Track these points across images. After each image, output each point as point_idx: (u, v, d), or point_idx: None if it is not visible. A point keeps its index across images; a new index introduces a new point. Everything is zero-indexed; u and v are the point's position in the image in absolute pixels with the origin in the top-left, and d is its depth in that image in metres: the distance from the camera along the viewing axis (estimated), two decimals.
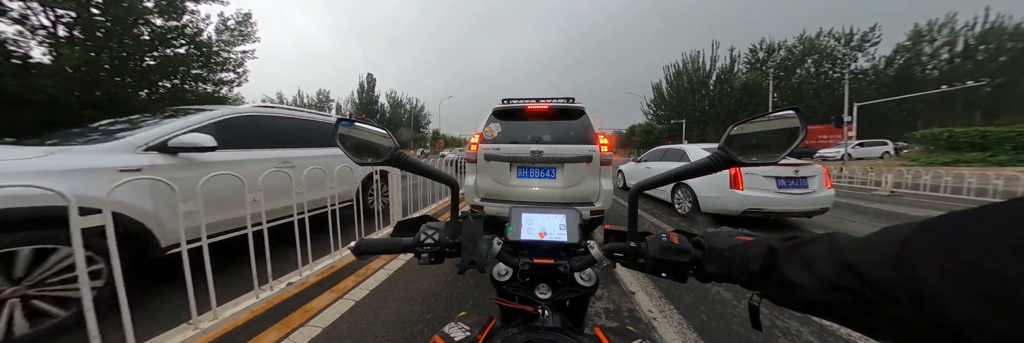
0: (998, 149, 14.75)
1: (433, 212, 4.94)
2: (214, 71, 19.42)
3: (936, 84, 19.29)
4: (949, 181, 7.28)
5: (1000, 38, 26.39)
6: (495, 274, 0.59)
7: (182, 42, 17.71)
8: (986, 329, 0.18)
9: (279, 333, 1.65)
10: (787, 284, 0.34)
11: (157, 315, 1.75)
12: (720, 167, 0.46)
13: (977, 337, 0.19)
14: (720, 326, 1.77)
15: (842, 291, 0.28)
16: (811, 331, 1.74)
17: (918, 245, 0.23)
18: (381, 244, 0.60)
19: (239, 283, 2.08)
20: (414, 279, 2.36)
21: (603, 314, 1.89)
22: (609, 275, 2.41)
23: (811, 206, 3.95)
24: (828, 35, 31.36)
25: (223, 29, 19.54)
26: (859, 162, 16.84)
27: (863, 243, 0.29)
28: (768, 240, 0.40)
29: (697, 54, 36.03)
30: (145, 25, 16.34)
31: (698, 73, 35.72)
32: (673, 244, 0.48)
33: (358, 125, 0.54)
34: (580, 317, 0.62)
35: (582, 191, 3.01)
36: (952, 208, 1.97)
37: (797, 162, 4.15)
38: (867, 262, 0.26)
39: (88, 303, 1.16)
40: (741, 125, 0.46)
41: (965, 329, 0.19)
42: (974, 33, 27.64)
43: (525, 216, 0.63)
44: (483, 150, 3.14)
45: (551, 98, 3.30)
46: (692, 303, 2.04)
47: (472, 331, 0.55)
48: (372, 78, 53.53)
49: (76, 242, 1.17)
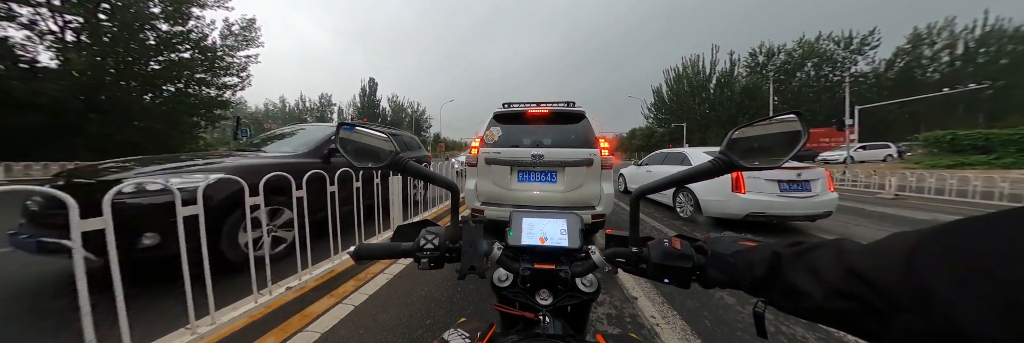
0: (1002, 151, 14.65)
1: (433, 216, 4.93)
2: (218, 75, 19.64)
3: (937, 87, 19.30)
4: (954, 184, 7.24)
5: (1000, 41, 26.46)
6: (495, 279, 0.58)
7: (187, 47, 17.96)
8: (996, 338, 0.18)
9: (277, 338, 1.63)
10: (792, 291, 0.33)
11: (154, 316, 1.74)
12: (722, 171, 0.46)
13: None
14: (724, 332, 1.75)
15: (849, 298, 0.27)
16: (817, 338, 1.71)
17: (927, 252, 0.22)
18: (381, 249, 0.59)
19: (238, 287, 2.07)
20: (414, 284, 2.35)
21: (605, 320, 1.87)
22: (611, 280, 2.39)
23: (814, 210, 3.92)
24: (828, 38, 31.56)
25: (228, 34, 19.82)
26: (862, 165, 16.78)
27: (870, 250, 0.28)
28: (772, 245, 0.40)
29: (697, 58, 36.31)
30: (151, 30, 16.59)
31: (698, 77, 35.92)
32: (675, 249, 0.48)
33: (359, 129, 0.54)
34: (582, 323, 0.61)
35: (583, 195, 3.00)
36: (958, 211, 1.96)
37: (799, 165, 4.13)
38: (875, 269, 0.26)
39: (86, 305, 1.16)
40: (742, 129, 0.45)
41: (975, 338, 0.19)
42: (974, 36, 27.73)
43: (526, 220, 0.62)
44: (484, 154, 3.14)
45: (552, 102, 3.31)
46: (695, 309, 2.02)
47: (472, 337, 0.54)
48: (374, 82, 53.99)
49: (76, 242, 1.17)
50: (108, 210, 1.28)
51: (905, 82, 28.84)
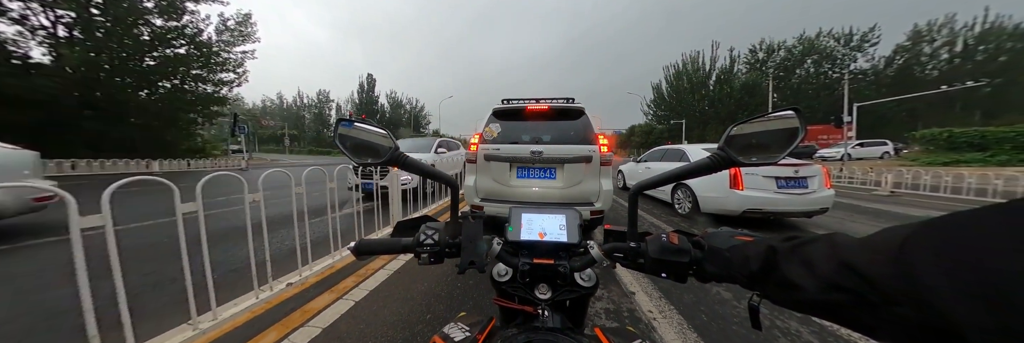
0: (998, 149, 14.74)
1: (433, 212, 4.93)
2: (214, 71, 19.44)
3: (936, 84, 19.31)
4: (949, 181, 7.28)
5: (999, 38, 26.41)
6: (495, 274, 0.59)
7: (182, 42, 17.73)
8: (985, 328, 0.18)
9: (279, 333, 1.65)
10: (787, 284, 0.34)
11: (156, 312, 1.75)
12: (720, 167, 0.46)
13: (976, 336, 0.19)
14: (720, 326, 1.77)
15: (842, 291, 0.28)
16: (811, 331, 1.74)
17: (918, 245, 0.23)
18: (381, 244, 0.60)
19: (239, 283, 2.08)
20: (414, 279, 2.36)
21: (603, 314, 1.89)
22: (609, 275, 2.41)
23: (811, 206, 3.95)
24: (828, 35, 31.40)
25: (223, 29, 19.57)
26: (859, 162, 16.84)
27: (863, 243, 0.28)
28: (768, 240, 0.40)
29: (697, 54, 36.10)
30: (145, 25, 16.36)
31: (698, 73, 35.75)
32: (673, 244, 0.48)
33: (358, 125, 0.54)
34: (580, 317, 0.62)
35: (582, 191, 3.01)
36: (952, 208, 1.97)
37: (797, 162, 4.15)
38: (867, 262, 0.26)
39: (87, 300, 1.16)
40: (741, 125, 0.46)
41: (964, 328, 0.19)
42: (974, 33, 27.67)
43: (525, 216, 0.63)
44: (483, 150, 3.14)
45: (551, 98, 3.30)
46: (692, 303, 2.04)
47: (472, 331, 0.55)
48: (372, 78, 53.58)
49: (75, 239, 1.17)
50: (107, 207, 1.28)
51: (904, 79, 28.82)
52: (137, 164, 14.07)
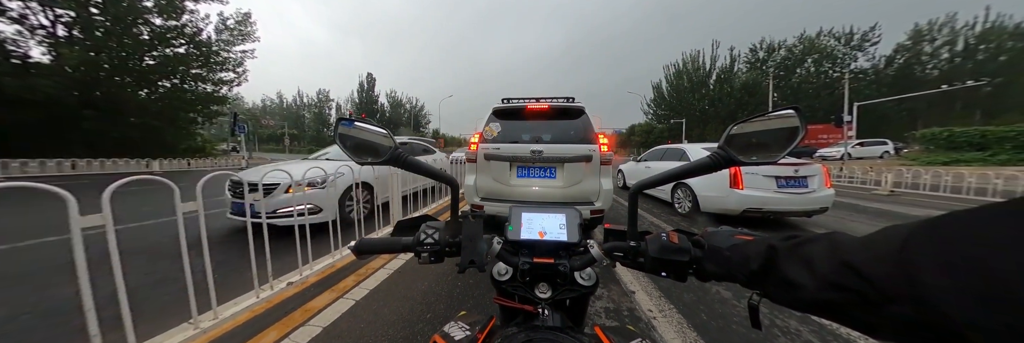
0: (998, 148, 14.73)
1: (433, 212, 4.94)
2: (214, 71, 19.42)
3: (936, 83, 19.28)
4: (949, 181, 7.28)
5: (1000, 37, 26.34)
6: (495, 273, 0.59)
7: (181, 42, 17.70)
8: (984, 326, 0.18)
9: (279, 332, 1.65)
10: (787, 283, 0.34)
11: (157, 311, 1.76)
12: (720, 166, 0.46)
13: (975, 334, 0.19)
14: (720, 325, 1.78)
15: (842, 290, 0.28)
16: (810, 330, 1.74)
17: (918, 244, 0.23)
18: (381, 244, 0.60)
19: (239, 283, 2.08)
20: (414, 279, 2.36)
21: (603, 313, 1.90)
22: (609, 274, 2.41)
23: (811, 205, 3.94)
24: (828, 34, 31.37)
25: (223, 28, 19.53)
26: (859, 162, 16.83)
27: (863, 242, 0.28)
28: (768, 239, 0.40)
29: (697, 53, 36.05)
30: (144, 25, 16.32)
31: (698, 72, 35.71)
32: (673, 243, 0.48)
33: (358, 124, 0.54)
34: (580, 316, 0.62)
35: (582, 190, 3.01)
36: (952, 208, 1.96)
37: (797, 161, 4.15)
38: (867, 261, 0.26)
39: (88, 300, 1.16)
40: (741, 124, 0.46)
41: (964, 327, 0.19)
42: (974, 32, 27.60)
43: (525, 215, 0.63)
44: (483, 150, 3.14)
45: (551, 98, 3.29)
46: (692, 302, 2.04)
47: (472, 330, 0.55)
48: (372, 77, 53.50)
49: (76, 241, 1.17)
50: (107, 207, 1.28)
51: (904, 79, 28.77)
52: (137, 164, 14.08)
